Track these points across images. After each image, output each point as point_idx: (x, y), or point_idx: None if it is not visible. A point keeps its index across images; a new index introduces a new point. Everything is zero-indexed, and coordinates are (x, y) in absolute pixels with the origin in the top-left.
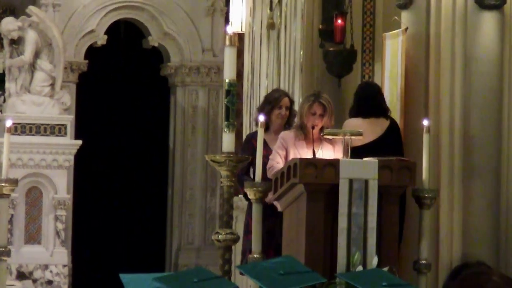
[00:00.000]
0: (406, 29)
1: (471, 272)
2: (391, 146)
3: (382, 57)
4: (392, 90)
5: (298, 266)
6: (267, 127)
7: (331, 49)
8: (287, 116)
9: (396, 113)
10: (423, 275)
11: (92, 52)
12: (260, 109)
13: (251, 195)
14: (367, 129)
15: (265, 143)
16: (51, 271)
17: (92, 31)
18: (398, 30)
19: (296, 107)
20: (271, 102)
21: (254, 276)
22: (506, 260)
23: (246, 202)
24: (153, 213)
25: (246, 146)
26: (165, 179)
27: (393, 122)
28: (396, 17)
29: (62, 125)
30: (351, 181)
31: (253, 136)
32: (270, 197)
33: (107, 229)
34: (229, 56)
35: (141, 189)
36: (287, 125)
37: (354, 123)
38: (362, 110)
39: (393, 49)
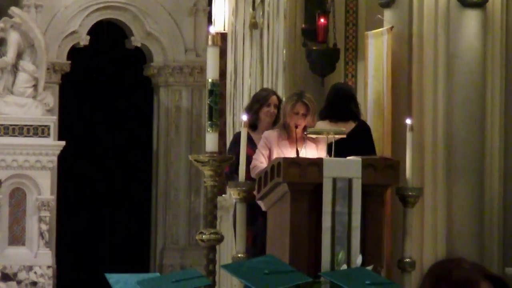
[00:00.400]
0: (392, 28)
1: (441, 261)
2: (357, 148)
3: (365, 55)
4: (377, 89)
5: (282, 265)
6: (255, 126)
7: (314, 48)
8: (275, 114)
9: (382, 112)
10: (408, 273)
11: (74, 53)
12: (249, 108)
13: (235, 195)
14: None
15: (253, 143)
16: (35, 272)
17: (74, 32)
18: (382, 28)
19: None
20: (259, 101)
21: (240, 276)
22: (490, 258)
23: (233, 201)
24: (137, 213)
25: (234, 146)
26: (149, 180)
27: (360, 125)
28: (379, 15)
29: (45, 126)
30: (334, 180)
31: (239, 135)
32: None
33: (91, 230)
34: (212, 56)
35: (125, 190)
36: (276, 124)
37: (320, 126)
38: (331, 114)
39: (377, 48)
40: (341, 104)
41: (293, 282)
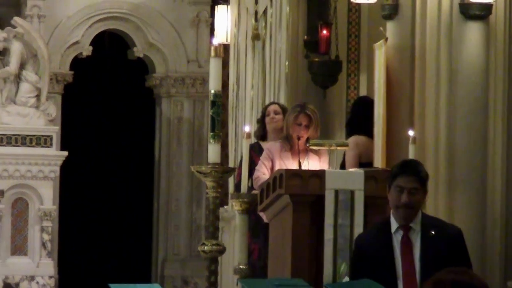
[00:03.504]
0: (386, 39)
1: (454, 270)
2: None
3: (367, 67)
4: (377, 101)
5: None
6: (265, 137)
7: (316, 59)
8: (278, 119)
9: (379, 123)
10: None
11: (77, 63)
12: (259, 122)
13: (237, 207)
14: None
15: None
16: (37, 282)
17: (77, 42)
18: (381, 40)
19: None
20: (263, 114)
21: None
22: (492, 271)
23: (233, 213)
24: (139, 224)
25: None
26: (150, 190)
27: None
28: (381, 28)
29: (48, 136)
30: (336, 192)
31: (252, 147)
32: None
33: (93, 240)
34: (214, 67)
35: (126, 200)
36: (282, 130)
37: (363, 140)
38: (365, 129)
39: (379, 60)
40: (370, 118)
41: None
